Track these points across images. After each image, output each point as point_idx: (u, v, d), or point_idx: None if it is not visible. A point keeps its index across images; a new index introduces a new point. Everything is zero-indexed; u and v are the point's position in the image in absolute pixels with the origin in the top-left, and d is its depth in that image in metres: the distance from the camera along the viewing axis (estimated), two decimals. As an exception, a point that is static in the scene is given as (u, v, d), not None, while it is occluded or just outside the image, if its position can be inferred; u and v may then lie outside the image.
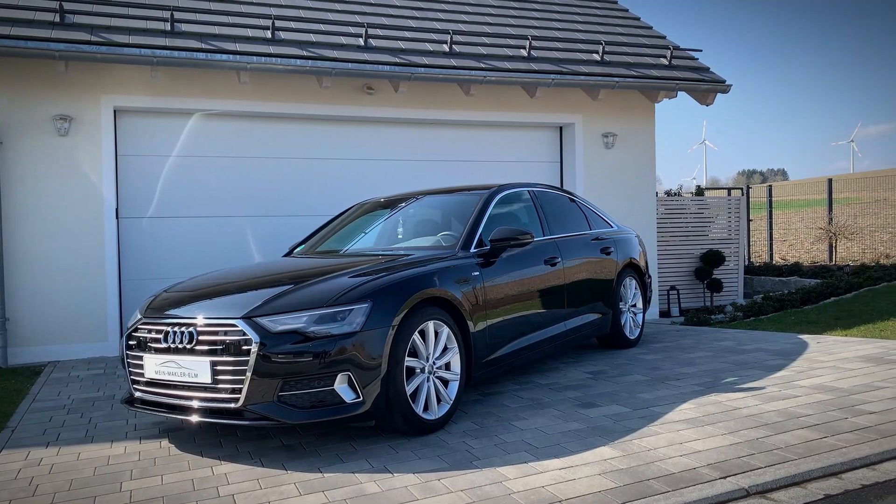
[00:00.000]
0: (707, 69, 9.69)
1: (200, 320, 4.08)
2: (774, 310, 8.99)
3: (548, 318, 5.62)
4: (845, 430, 3.88)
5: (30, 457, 4.20)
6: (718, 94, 9.54)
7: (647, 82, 9.11)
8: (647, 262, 7.51)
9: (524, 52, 8.87)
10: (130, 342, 4.37)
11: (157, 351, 4.16)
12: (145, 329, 4.30)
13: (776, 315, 8.67)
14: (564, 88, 9.10)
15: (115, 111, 7.72)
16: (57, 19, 7.09)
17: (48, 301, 7.38)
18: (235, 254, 8.16)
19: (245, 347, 3.86)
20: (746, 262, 14.58)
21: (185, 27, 7.60)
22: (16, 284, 7.28)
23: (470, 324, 4.65)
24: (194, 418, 4.03)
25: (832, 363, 5.62)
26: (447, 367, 4.50)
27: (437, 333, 4.42)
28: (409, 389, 4.16)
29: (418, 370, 4.28)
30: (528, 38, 8.94)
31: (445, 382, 4.48)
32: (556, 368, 6.01)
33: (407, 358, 4.16)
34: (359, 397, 3.93)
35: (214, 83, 7.97)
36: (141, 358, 4.26)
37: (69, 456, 4.19)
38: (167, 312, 4.32)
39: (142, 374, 4.26)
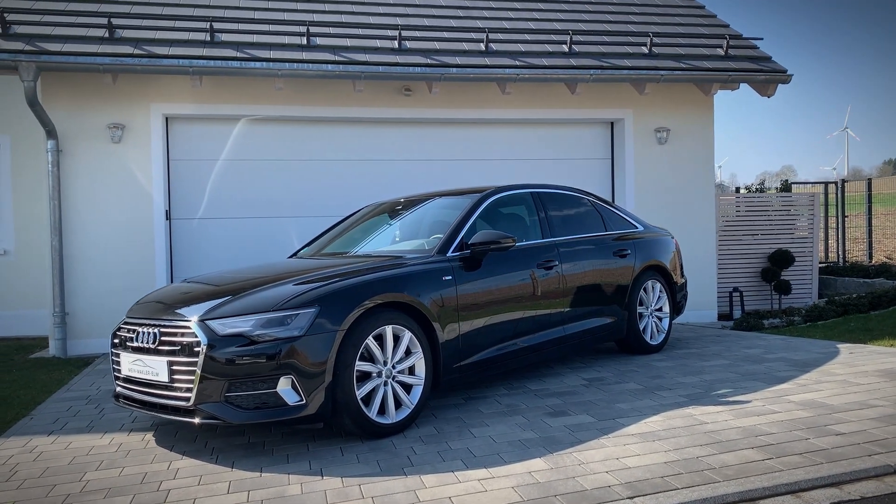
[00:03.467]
0: (768, 58, 9.14)
1: (163, 322, 4.30)
2: (836, 315, 8.40)
3: (540, 323, 5.50)
4: (796, 452, 3.60)
5: (28, 444, 4.55)
6: (778, 86, 9.02)
7: (696, 74, 8.70)
8: (679, 265, 7.17)
9: (565, 48, 8.69)
10: (114, 340, 4.67)
11: (131, 350, 4.42)
12: (125, 328, 4.57)
13: (835, 321, 8.09)
14: (613, 83, 8.84)
15: (166, 118, 8.21)
16: (106, 35, 7.61)
17: (104, 297, 7.95)
18: (280, 252, 8.44)
19: (196, 349, 4.04)
20: (839, 263, 13.64)
21: (224, 37, 7.95)
22: (75, 281, 7.89)
23: (437, 326, 4.63)
24: (158, 415, 4.26)
25: (844, 376, 5.20)
26: (411, 371, 4.52)
27: (396, 338, 4.43)
28: (362, 393, 4.21)
29: (374, 374, 4.32)
30: (570, 33, 8.74)
31: (409, 387, 4.50)
32: (557, 373, 5.89)
33: (360, 362, 4.21)
34: (302, 400, 4.01)
35: (254, 89, 8.31)
36: (119, 356, 4.54)
37: (60, 445, 4.51)
38: (143, 313, 4.58)
39: (120, 371, 4.55)
